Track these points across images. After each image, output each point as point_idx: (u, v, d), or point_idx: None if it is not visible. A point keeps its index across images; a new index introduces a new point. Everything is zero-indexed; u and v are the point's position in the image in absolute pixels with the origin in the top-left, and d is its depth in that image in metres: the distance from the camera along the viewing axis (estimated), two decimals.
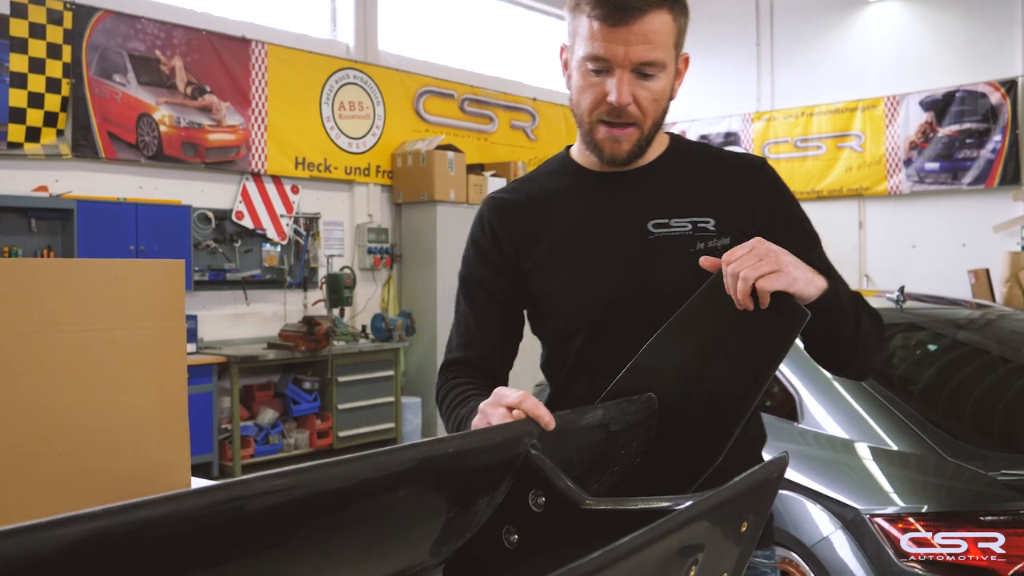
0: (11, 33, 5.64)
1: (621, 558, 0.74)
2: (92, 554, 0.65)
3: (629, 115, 1.38)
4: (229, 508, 0.74)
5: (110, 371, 1.47)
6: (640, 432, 1.28)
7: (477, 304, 1.59)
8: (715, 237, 1.41)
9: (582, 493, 1.01)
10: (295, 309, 7.25)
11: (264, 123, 7.01)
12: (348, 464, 0.85)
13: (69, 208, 5.69)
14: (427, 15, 8.57)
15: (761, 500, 0.92)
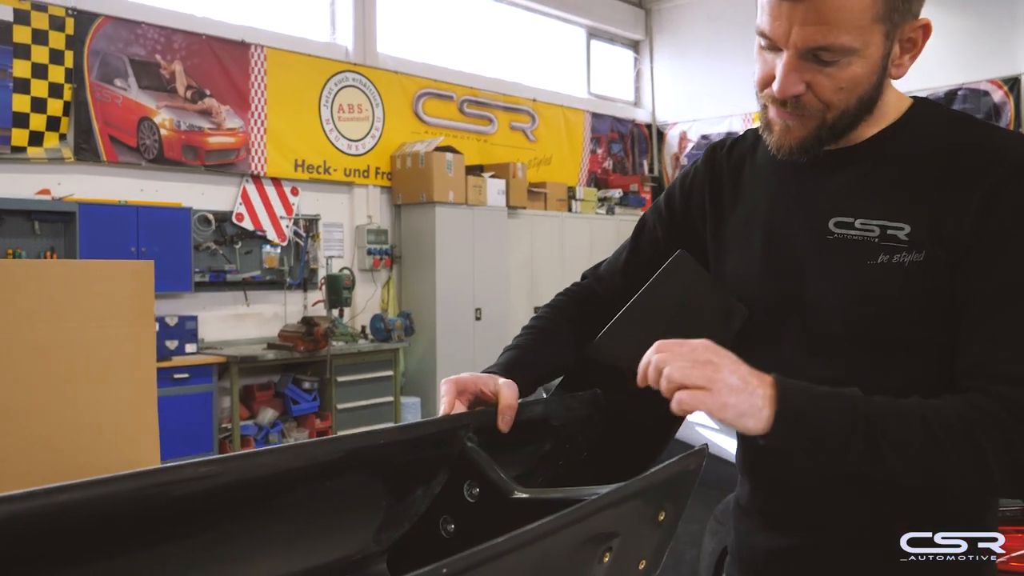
0: (14, 39, 5.72)
1: (526, 544, 0.78)
2: (10, 535, 0.70)
3: (803, 105, 1.11)
4: (155, 492, 0.79)
5: (81, 369, 1.53)
6: (585, 426, 1.32)
7: (642, 242, 1.46)
8: (904, 250, 1.08)
9: (512, 484, 1.06)
10: (295, 310, 7.32)
11: (264, 126, 7.08)
12: (274, 454, 0.90)
13: (71, 211, 5.77)
14: (426, 17, 8.63)
15: (678, 491, 0.96)
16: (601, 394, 1.34)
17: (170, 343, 6.10)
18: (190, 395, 6.06)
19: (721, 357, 1.03)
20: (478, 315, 7.93)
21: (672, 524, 0.98)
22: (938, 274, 1.06)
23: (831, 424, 0.99)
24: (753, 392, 1.00)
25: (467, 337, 7.75)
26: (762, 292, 1.23)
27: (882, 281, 1.09)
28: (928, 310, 1.07)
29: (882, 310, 1.09)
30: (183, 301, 6.55)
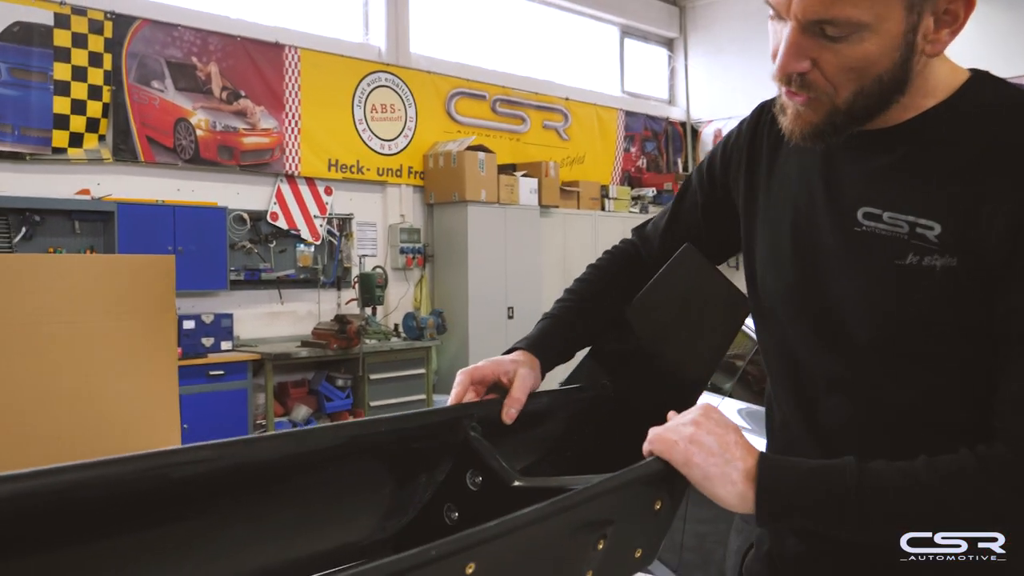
0: (55, 43, 5.84)
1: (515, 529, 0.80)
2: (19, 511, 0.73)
3: (809, 84, 0.99)
4: (155, 475, 0.82)
5: (104, 360, 1.57)
6: (593, 416, 1.33)
7: (684, 207, 1.40)
8: (934, 252, 0.96)
9: (513, 472, 1.07)
10: (329, 308, 7.39)
11: (298, 126, 7.15)
12: (274, 440, 0.93)
13: (110, 210, 5.88)
14: (458, 17, 8.66)
15: (674, 482, 0.97)
16: (610, 385, 1.35)
17: (206, 340, 6.20)
18: (225, 392, 6.14)
19: (708, 418, 1.00)
20: (510, 313, 7.95)
21: (669, 514, 0.99)
22: (973, 285, 0.94)
23: (817, 505, 0.95)
24: (729, 462, 0.96)
25: (499, 335, 7.77)
26: (783, 284, 1.14)
27: (910, 286, 0.97)
28: (958, 323, 0.96)
29: (907, 318, 0.99)
30: (219, 299, 6.64)
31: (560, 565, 0.88)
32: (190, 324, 6.11)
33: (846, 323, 1.04)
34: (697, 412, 1.01)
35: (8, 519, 0.72)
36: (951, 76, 1.02)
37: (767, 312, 1.19)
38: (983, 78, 1.02)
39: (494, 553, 0.78)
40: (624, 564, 0.96)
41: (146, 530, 0.83)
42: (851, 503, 0.93)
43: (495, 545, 0.78)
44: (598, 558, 0.90)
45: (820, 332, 1.09)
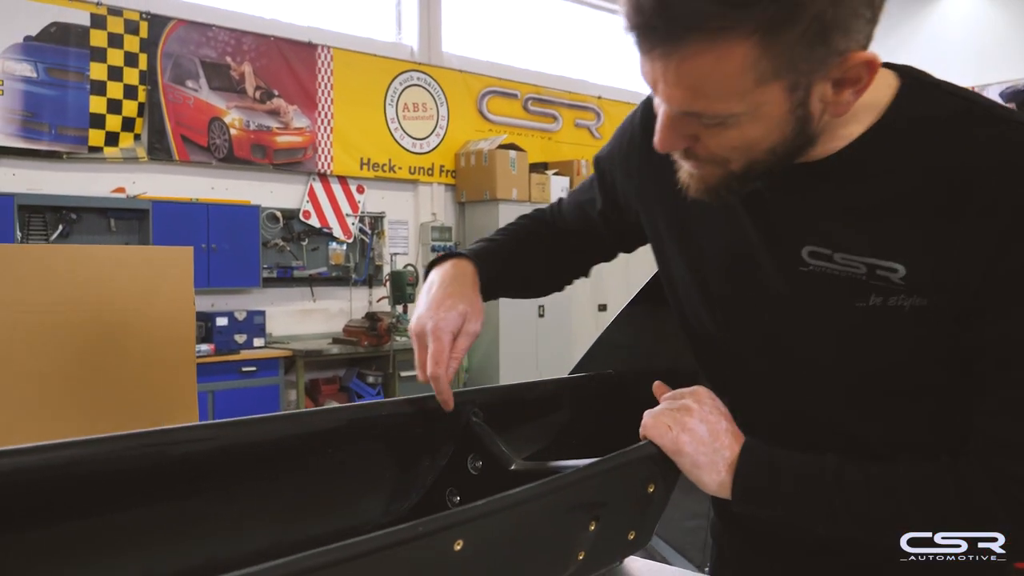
0: (91, 43, 5.94)
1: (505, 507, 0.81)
2: (17, 484, 0.75)
3: (694, 156, 0.90)
4: (154, 452, 0.84)
5: (124, 348, 1.60)
6: (597, 404, 1.34)
7: (585, 206, 1.30)
8: (900, 293, 0.87)
9: (512, 456, 1.08)
10: (360, 306, 7.44)
11: (330, 125, 7.21)
12: (272, 421, 0.95)
13: (145, 208, 5.98)
14: (490, 16, 8.68)
15: (666, 466, 0.97)
16: (614, 374, 1.35)
17: (239, 337, 6.27)
18: (257, 388, 6.21)
19: (702, 404, 0.99)
20: (541, 312, 7.95)
21: (663, 498, 1.00)
22: (946, 320, 0.87)
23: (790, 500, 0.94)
24: (718, 451, 0.96)
25: (530, 334, 7.78)
26: (729, 327, 1.05)
27: (877, 328, 0.90)
28: (932, 357, 0.91)
29: (876, 360, 0.93)
30: (252, 296, 6.72)
31: (552, 545, 0.88)
32: (223, 321, 6.18)
33: (810, 365, 0.98)
34: (690, 397, 1.00)
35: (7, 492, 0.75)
36: (878, 91, 0.89)
37: (709, 345, 1.10)
38: (914, 86, 0.91)
39: (482, 531, 0.79)
40: (617, 546, 0.97)
41: (145, 507, 0.85)
42: (824, 502, 0.92)
43: (483, 523, 0.79)
44: (591, 539, 0.91)
45: (781, 372, 1.01)
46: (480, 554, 0.79)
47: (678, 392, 1.03)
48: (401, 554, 0.72)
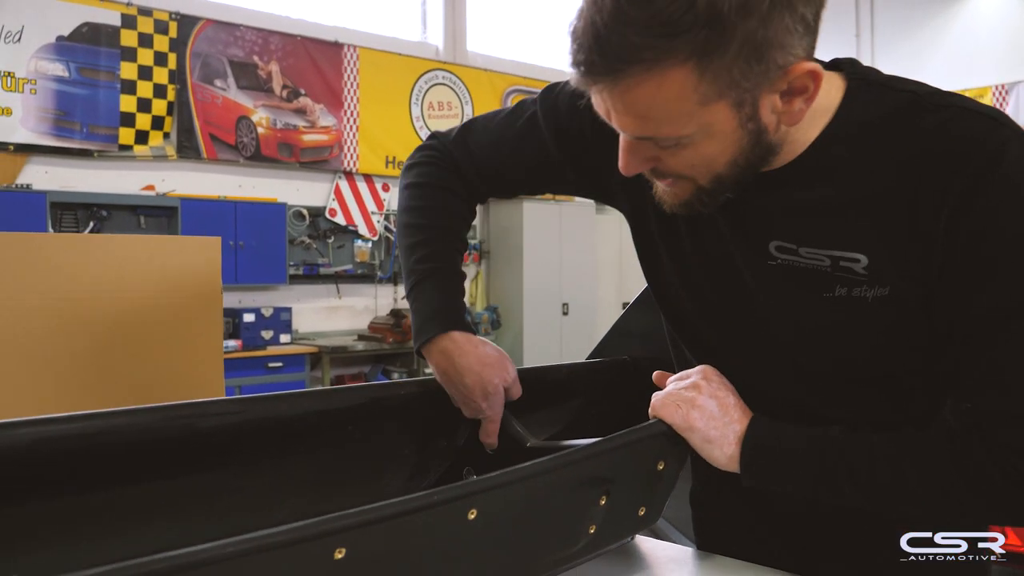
0: (122, 43, 6.05)
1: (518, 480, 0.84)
2: (54, 451, 0.79)
3: (661, 175, 0.93)
4: (182, 423, 0.88)
5: (153, 335, 1.65)
6: (613, 391, 1.37)
7: (528, 151, 1.20)
8: (863, 283, 0.91)
9: (527, 435, 1.11)
10: (385, 303, 7.51)
11: (356, 124, 7.28)
12: (300, 397, 0.99)
13: (174, 206, 6.08)
14: (515, 15, 8.71)
15: (674, 446, 0.99)
16: (630, 361, 1.38)
17: (265, 333, 6.35)
18: (284, 383, 6.28)
19: (710, 381, 1.01)
20: (565, 310, 7.98)
21: (672, 475, 1.02)
22: (911, 307, 0.91)
23: (797, 472, 0.96)
24: (728, 424, 0.98)
25: (554, 331, 7.81)
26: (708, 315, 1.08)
27: (843, 318, 0.93)
28: (903, 344, 0.94)
29: (846, 349, 0.96)
30: (278, 293, 6.80)
31: (563, 518, 0.91)
32: (250, 317, 6.27)
33: (787, 355, 1.00)
34: (698, 375, 1.02)
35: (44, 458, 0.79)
36: (827, 96, 0.92)
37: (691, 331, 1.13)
38: (860, 87, 0.93)
39: (495, 502, 0.82)
40: (627, 520, 1.00)
41: (175, 477, 0.89)
42: (829, 474, 0.94)
43: (496, 494, 0.82)
44: (601, 514, 0.94)
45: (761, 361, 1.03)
46: (493, 523, 0.82)
47: (684, 372, 1.05)
48: (417, 520, 0.75)
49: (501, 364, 1.15)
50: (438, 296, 1.17)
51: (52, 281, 1.52)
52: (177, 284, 1.66)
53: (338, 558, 0.69)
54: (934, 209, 0.86)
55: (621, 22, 0.77)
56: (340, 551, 0.69)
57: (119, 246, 1.64)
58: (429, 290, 1.17)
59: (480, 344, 1.15)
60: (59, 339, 1.54)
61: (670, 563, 1.10)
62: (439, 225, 1.22)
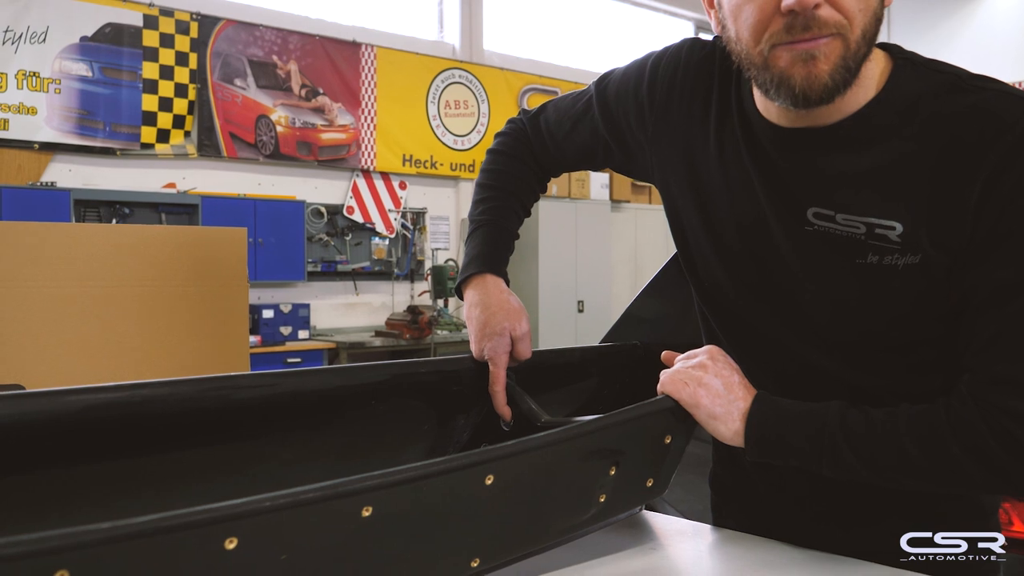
0: (143, 43, 6.15)
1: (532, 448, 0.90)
2: (103, 418, 0.86)
3: (822, 22, 0.91)
4: (219, 394, 0.94)
5: (181, 321, 1.72)
6: (623, 375, 1.42)
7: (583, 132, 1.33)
8: (896, 251, 0.96)
9: (541, 412, 1.17)
10: (402, 299, 7.58)
11: (373, 122, 7.36)
12: (325, 373, 1.05)
13: (195, 203, 6.16)
14: (531, 13, 8.77)
15: (681, 421, 1.05)
16: (641, 345, 1.43)
17: (284, 329, 6.43)
18: None
19: (716, 361, 1.06)
20: (580, 307, 8.03)
21: (679, 448, 1.08)
22: (938, 276, 0.95)
23: (799, 445, 1.00)
24: (732, 402, 1.03)
25: (569, 329, 7.86)
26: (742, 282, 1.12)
27: (874, 284, 0.98)
28: (928, 313, 0.98)
29: (875, 317, 1.00)
30: (297, 290, 6.88)
31: (575, 485, 0.97)
32: (269, 313, 6.34)
33: (815, 322, 1.05)
34: (704, 355, 1.07)
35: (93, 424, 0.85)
36: (875, 65, 0.99)
37: (721, 299, 1.17)
38: (904, 65, 0.99)
39: (510, 468, 0.88)
40: (636, 490, 1.05)
41: (210, 444, 0.96)
42: (830, 446, 0.98)
43: (511, 462, 0.88)
44: (611, 483, 0.99)
45: (790, 327, 1.08)
46: (509, 489, 0.88)
47: (691, 352, 1.10)
48: (438, 483, 0.81)
49: (514, 314, 1.27)
50: (486, 243, 1.33)
51: (89, 269, 1.59)
52: (205, 272, 1.73)
53: (365, 515, 0.75)
54: (969, 182, 0.91)
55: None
56: (367, 509, 0.75)
57: (151, 236, 1.72)
58: (479, 236, 1.34)
59: (506, 292, 1.29)
60: (95, 324, 1.61)
61: (678, 535, 1.16)
62: (503, 187, 1.39)
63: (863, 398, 1.02)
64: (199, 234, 1.76)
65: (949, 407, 0.96)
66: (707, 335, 1.24)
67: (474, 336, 1.26)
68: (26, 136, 5.70)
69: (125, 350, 1.67)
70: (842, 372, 1.06)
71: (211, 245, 1.75)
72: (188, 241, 1.74)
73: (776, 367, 1.12)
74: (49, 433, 0.83)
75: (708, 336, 1.24)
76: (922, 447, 0.95)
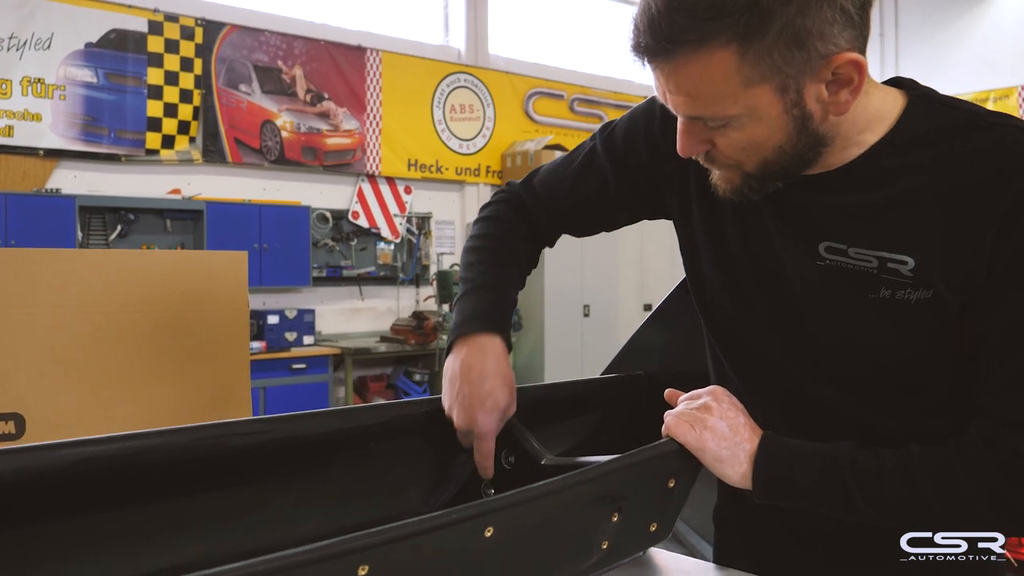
0: (148, 49, 6.14)
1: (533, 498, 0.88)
2: (95, 470, 0.84)
3: (713, 159, 1.00)
4: (214, 442, 0.93)
5: (182, 346, 1.70)
6: (627, 405, 1.40)
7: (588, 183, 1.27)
8: (907, 287, 0.95)
9: (543, 452, 1.15)
10: (407, 304, 7.57)
11: (378, 127, 7.35)
12: (324, 416, 1.03)
13: (200, 209, 6.16)
14: (537, 17, 8.75)
15: (686, 463, 1.03)
16: (645, 376, 1.42)
17: (289, 335, 6.42)
18: (307, 384, 6.36)
19: (721, 402, 1.04)
20: (586, 312, 8.00)
21: (683, 492, 1.06)
22: (951, 312, 0.94)
23: (808, 488, 0.98)
24: (739, 444, 1.01)
25: (575, 333, 7.84)
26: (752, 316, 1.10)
27: (886, 320, 0.97)
28: (940, 352, 0.97)
29: (888, 350, 0.99)
30: (302, 295, 6.88)
31: (576, 534, 0.95)
32: (274, 319, 6.34)
33: (827, 358, 1.04)
34: (709, 396, 1.05)
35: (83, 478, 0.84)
36: (885, 105, 0.99)
37: (731, 333, 1.15)
38: (921, 102, 0.99)
39: (511, 519, 0.86)
40: (639, 536, 1.03)
41: (204, 494, 0.94)
42: (840, 488, 0.97)
43: (512, 512, 0.86)
44: (613, 529, 0.98)
45: (800, 362, 1.07)
46: (509, 540, 0.86)
47: (695, 392, 1.08)
48: (436, 538, 0.79)
49: (514, 391, 1.18)
50: (491, 302, 1.24)
51: (88, 295, 1.58)
52: (205, 297, 1.71)
53: (362, 575, 0.73)
54: (985, 219, 0.90)
55: (671, 7, 0.87)
56: (364, 568, 0.73)
57: (151, 260, 1.70)
58: (475, 296, 1.24)
59: (509, 363, 1.20)
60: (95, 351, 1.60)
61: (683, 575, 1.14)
62: (497, 250, 1.30)
63: (872, 438, 1.01)
64: (200, 258, 1.74)
65: (961, 449, 0.95)
66: (715, 368, 1.22)
67: (462, 402, 1.14)
68: (31, 143, 5.71)
69: (125, 376, 1.66)
70: (852, 410, 1.04)
71: (212, 269, 1.74)
72: (189, 265, 1.72)
73: (785, 404, 1.10)
74: (41, 488, 0.82)
75: (716, 369, 1.22)
76: (934, 489, 0.94)
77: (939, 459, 0.95)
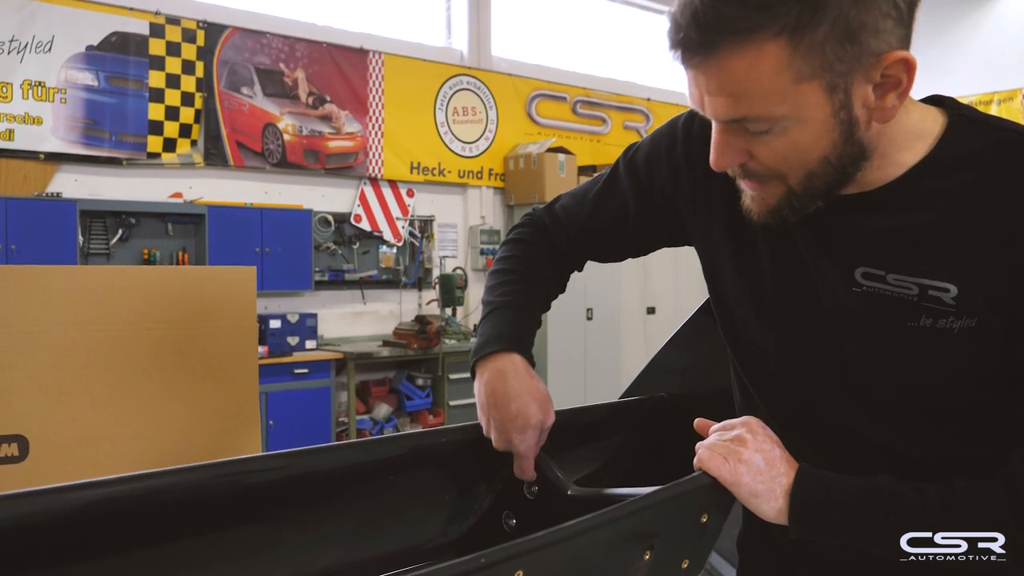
0: (150, 52, 6.10)
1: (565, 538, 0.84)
2: (106, 511, 0.80)
3: (752, 173, 0.95)
4: (228, 481, 0.89)
5: (189, 363, 1.66)
6: (650, 428, 1.36)
7: (609, 207, 1.25)
8: (951, 315, 0.90)
9: (568, 482, 1.12)
10: (410, 308, 7.52)
11: (381, 130, 7.31)
12: (340, 450, 0.99)
13: (201, 213, 6.12)
14: (539, 19, 8.71)
15: (719, 498, 0.99)
16: (667, 398, 1.38)
17: (291, 339, 6.38)
18: (309, 389, 6.31)
19: (755, 434, 1.01)
20: (589, 315, 7.96)
21: (716, 527, 1.02)
22: (995, 339, 0.90)
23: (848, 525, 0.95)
24: (775, 478, 0.98)
25: (578, 337, 7.80)
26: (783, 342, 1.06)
27: (927, 348, 0.93)
28: (981, 379, 0.94)
29: (927, 381, 0.95)
30: (304, 299, 6.84)
31: (607, 573, 0.91)
32: (276, 323, 6.29)
33: (861, 386, 1.00)
34: (743, 428, 1.02)
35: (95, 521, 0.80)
36: (925, 123, 0.95)
37: (760, 361, 1.11)
38: (960, 121, 0.95)
39: (542, 561, 0.82)
40: (671, 573, 1.00)
41: (220, 532, 0.90)
42: (881, 523, 0.94)
43: (543, 554, 0.82)
44: (645, 567, 0.94)
45: (833, 391, 1.03)
46: None
47: (729, 423, 1.05)
48: None
49: (547, 404, 1.15)
50: (510, 321, 1.21)
51: (91, 313, 1.54)
52: (213, 314, 1.67)
53: None
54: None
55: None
56: None
57: (157, 277, 1.66)
58: (500, 316, 1.22)
59: (536, 377, 1.17)
60: (100, 370, 1.56)
61: None
62: (523, 272, 1.27)
63: (908, 467, 0.98)
64: (207, 274, 1.70)
65: (1006, 482, 0.91)
66: (741, 395, 1.18)
67: (503, 426, 1.12)
68: (32, 146, 5.66)
69: (132, 395, 1.62)
70: (886, 439, 1.01)
71: (219, 285, 1.70)
72: (196, 281, 1.69)
73: (816, 434, 1.06)
74: (50, 532, 0.78)
75: (742, 395, 1.18)
76: (979, 524, 0.91)
77: (985, 496, 0.92)
